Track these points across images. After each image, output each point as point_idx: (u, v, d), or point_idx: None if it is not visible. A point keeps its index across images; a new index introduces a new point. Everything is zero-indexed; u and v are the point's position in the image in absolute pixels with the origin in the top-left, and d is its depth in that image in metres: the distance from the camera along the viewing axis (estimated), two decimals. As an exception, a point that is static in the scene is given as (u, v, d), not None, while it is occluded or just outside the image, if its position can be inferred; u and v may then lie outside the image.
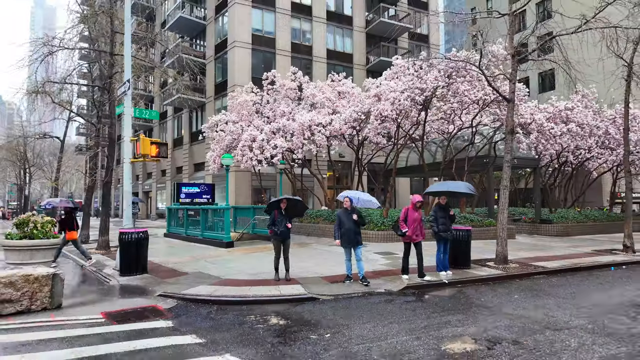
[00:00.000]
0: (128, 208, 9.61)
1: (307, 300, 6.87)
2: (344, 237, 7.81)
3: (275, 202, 8.12)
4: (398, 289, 7.68)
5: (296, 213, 8.58)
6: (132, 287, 7.97)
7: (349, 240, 7.85)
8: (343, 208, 8.05)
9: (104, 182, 13.92)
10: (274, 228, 7.89)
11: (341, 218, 7.86)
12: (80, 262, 11.24)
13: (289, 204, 8.11)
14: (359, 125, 14.89)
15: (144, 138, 9.40)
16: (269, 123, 16.46)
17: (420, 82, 12.35)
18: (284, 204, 8.01)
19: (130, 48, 10.23)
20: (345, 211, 7.92)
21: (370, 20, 30.08)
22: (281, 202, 8.03)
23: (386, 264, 9.96)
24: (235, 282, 8.00)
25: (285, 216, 7.94)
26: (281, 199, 8.08)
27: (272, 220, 7.93)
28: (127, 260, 8.91)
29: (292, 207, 8.19)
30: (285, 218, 7.92)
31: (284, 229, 7.87)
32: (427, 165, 21.31)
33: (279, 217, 7.90)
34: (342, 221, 7.82)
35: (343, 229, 7.78)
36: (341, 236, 7.82)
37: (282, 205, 7.98)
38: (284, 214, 7.95)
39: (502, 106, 14.53)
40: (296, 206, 8.30)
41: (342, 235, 7.81)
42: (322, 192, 21.11)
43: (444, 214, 8.81)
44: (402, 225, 8.11)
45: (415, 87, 12.36)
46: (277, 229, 7.84)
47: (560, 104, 16.57)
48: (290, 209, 8.14)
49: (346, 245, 7.92)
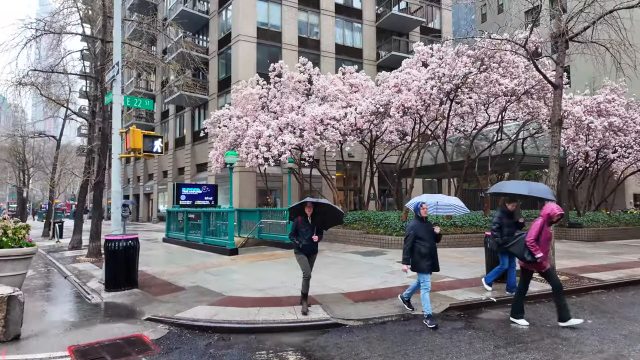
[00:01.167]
0: (117, 211, 8.29)
1: (331, 327, 5.51)
2: (424, 259, 5.71)
3: (298, 206, 6.18)
4: (439, 310, 6.30)
5: (326, 223, 6.48)
6: (117, 306, 6.63)
7: (432, 265, 5.78)
8: (415, 218, 6.04)
9: (96, 183, 12.63)
10: (296, 240, 6.10)
11: (418, 232, 5.80)
12: (65, 271, 9.94)
13: (318, 210, 6.19)
14: (377, 119, 13.49)
15: (134, 130, 8.09)
16: (276, 118, 15.11)
17: (449, 69, 10.96)
18: (309, 210, 6.11)
19: (121, 28, 8.94)
20: (421, 222, 5.93)
21: (380, 14, 28.75)
22: (305, 207, 6.09)
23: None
24: (240, 301, 6.64)
25: (311, 226, 6.12)
26: (305, 202, 6.11)
27: (295, 229, 6.15)
28: (114, 272, 7.59)
29: (322, 215, 6.25)
30: (310, 228, 6.10)
31: (307, 242, 6.02)
32: (442, 165, 19.99)
33: (303, 226, 6.11)
34: (420, 237, 5.79)
35: (423, 248, 5.72)
36: (421, 258, 5.72)
37: (307, 211, 6.11)
38: (309, 223, 6.12)
39: (532, 99, 13.13)
40: (326, 214, 6.29)
41: (422, 256, 5.71)
42: (332, 194, 19.75)
43: (511, 221, 6.97)
44: (534, 247, 5.55)
45: (443, 74, 10.95)
46: (299, 241, 6.05)
47: (598, 96, 15.09)
48: (319, 218, 6.23)
49: (427, 270, 5.74)
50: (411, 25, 29.20)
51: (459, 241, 13.74)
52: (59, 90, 16.40)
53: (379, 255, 11.56)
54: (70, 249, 14.62)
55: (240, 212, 16.41)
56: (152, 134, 8.59)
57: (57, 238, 18.39)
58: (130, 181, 40.40)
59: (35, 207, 58.34)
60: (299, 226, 6.12)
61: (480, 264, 10.12)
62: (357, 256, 11.57)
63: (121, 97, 8.48)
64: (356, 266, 9.95)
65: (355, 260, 10.94)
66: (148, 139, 8.45)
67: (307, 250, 6.15)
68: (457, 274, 8.88)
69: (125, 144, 8.35)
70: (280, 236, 13.86)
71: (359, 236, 14.38)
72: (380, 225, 14.19)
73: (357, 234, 14.48)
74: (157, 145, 8.65)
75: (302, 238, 6.07)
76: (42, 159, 40.94)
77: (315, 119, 13.06)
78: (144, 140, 8.34)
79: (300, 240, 6.08)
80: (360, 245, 13.96)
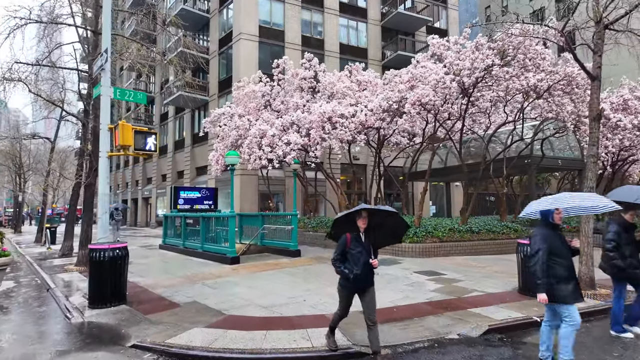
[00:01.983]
0: (104, 216, 7.37)
1: (354, 356, 4.58)
2: (563, 283, 4.10)
3: (345, 217, 4.38)
4: (478, 333, 5.35)
5: (385, 239, 4.69)
6: (99, 327, 5.69)
7: (575, 289, 4.14)
8: (543, 226, 4.41)
9: (87, 185, 11.72)
10: (344, 269, 4.28)
11: (553, 246, 4.20)
12: (49, 283, 8.99)
13: (374, 220, 4.39)
14: (389, 117, 12.56)
15: (124, 124, 7.20)
16: (280, 117, 14.21)
17: (469, 61, 10.06)
18: (364, 222, 4.28)
19: (111, 14, 8.07)
20: (554, 232, 4.33)
21: (385, 13, 27.97)
22: (359, 218, 4.27)
23: (439, 291, 7.61)
24: (243, 321, 5.70)
25: (366, 245, 4.33)
26: (358, 209, 4.27)
27: (342, 252, 4.33)
28: (99, 286, 6.66)
29: (378, 227, 4.46)
30: (365, 249, 4.30)
31: (363, 270, 4.25)
32: (453, 167, 19.06)
33: (355, 247, 4.28)
34: (557, 252, 4.20)
35: (560, 268, 4.14)
36: (560, 281, 4.11)
37: (361, 224, 4.29)
38: (362, 241, 4.31)
39: (555, 96, 12.23)
40: (383, 226, 4.50)
41: (560, 279, 4.11)
42: (337, 198, 18.83)
43: (629, 237, 5.35)
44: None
45: (462, 68, 10.04)
46: (350, 269, 4.25)
47: (624, 93, 14.17)
48: (378, 230, 4.46)
49: (571, 298, 4.10)
50: (417, 25, 28.42)
51: (475, 248, 12.80)
52: (52, 88, 15.53)
53: (394, 265, 10.61)
54: (60, 257, 13.71)
55: (242, 217, 15.49)
56: (145, 130, 7.71)
57: (48, 244, 17.48)
58: (129, 185, 39.51)
59: (32, 212, 57.37)
60: (348, 247, 4.30)
61: (506, 273, 9.22)
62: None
63: (110, 88, 7.60)
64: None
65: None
66: (140, 136, 7.57)
67: (362, 283, 4.29)
68: (484, 286, 7.94)
69: (115, 141, 7.45)
70: (285, 243, 12.93)
71: (368, 243, 13.42)
72: (391, 231, 13.24)
73: (325, 238, 13.54)
74: (151, 143, 7.76)
75: (353, 265, 4.24)
76: (39, 162, 40.09)
77: (323, 116, 12.14)
78: (136, 136, 7.46)
79: (351, 268, 4.24)
80: (370, 252, 13.01)
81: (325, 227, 15.96)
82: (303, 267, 10.50)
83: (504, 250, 12.83)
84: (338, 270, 4.37)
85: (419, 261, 11.13)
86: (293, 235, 12.59)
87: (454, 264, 10.62)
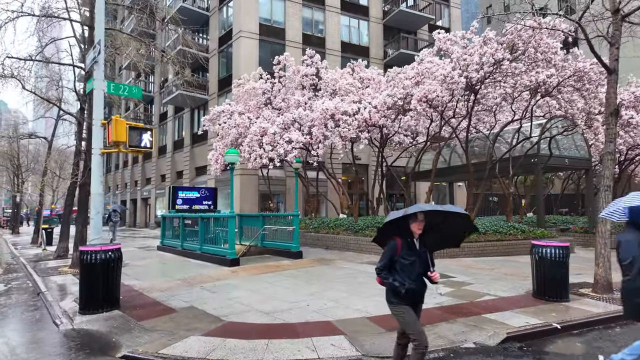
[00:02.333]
0: (96, 217, 7.00)
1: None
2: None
3: (399, 220, 3.43)
4: (496, 341, 4.98)
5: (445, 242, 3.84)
6: (89, 336, 5.32)
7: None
8: (633, 230, 3.70)
9: (81, 184, 11.35)
10: (393, 281, 3.45)
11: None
12: (41, 286, 8.62)
13: (433, 222, 3.49)
14: (394, 114, 12.19)
15: (117, 120, 6.83)
16: (281, 115, 13.83)
17: (478, 55, 9.69)
18: (420, 226, 3.41)
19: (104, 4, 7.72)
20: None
21: (387, 11, 27.63)
22: (414, 222, 3.39)
23: (450, 295, 7.23)
24: (243, 329, 5.32)
25: (420, 253, 3.47)
26: (414, 212, 3.34)
27: (389, 260, 3.49)
28: (90, 290, 6.29)
29: (436, 230, 3.56)
30: (419, 257, 3.45)
31: (416, 282, 3.46)
32: (457, 167, 18.69)
33: (407, 255, 3.42)
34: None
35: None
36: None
37: (416, 229, 3.42)
38: (416, 248, 3.46)
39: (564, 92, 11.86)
40: (443, 229, 3.59)
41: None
42: (339, 198, 18.46)
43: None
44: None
45: (470, 62, 9.66)
46: (401, 282, 3.42)
47: (636, 89, 13.80)
48: (435, 235, 3.57)
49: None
50: (419, 23, 28.10)
51: (482, 250, 12.43)
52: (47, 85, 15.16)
53: (399, 267, 10.23)
54: (55, 258, 13.33)
55: (242, 218, 15.11)
56: (140, 126, 7.34)
57: (44, 245, 17.11)
58: (128, 186, 39.14)
59: (30, 213, 56.99)
60: (399, 254, 3.42)
61: (516, 276, 8.87)
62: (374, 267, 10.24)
63: (103, 82, 7.24)
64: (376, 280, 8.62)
65: (374, 272, 9.61)
66: (135, 132, 7.19)
67: (414, 298, 3.48)
68: (496, 290, 7.57)
69: (108, 137, 7.08)
70: (286, 244, 12.56)
71: (373, 244, 13.05)
72: (395, 232, 12.87)
73: (371, 241, 13.16)
74: (146, 140, 7.39)
75: (404, 276, 3.40)
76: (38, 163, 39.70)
77: (325, 113, 11.76)
78: (130, 132, 7.08)
79: (402, 280, 3.39)
80: (375, 254, 12.63)
81: (327, 227, 15.59)
82: (305, 269, 10.13)
83: (511, 251, 12.47)
84: (386, 282, 3.50)
85: (425, 263, 10.74)
86: (295, 236, 12.22)
87: (461, 266, 10.25)
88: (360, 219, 14.95)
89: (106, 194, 45.76)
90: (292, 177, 19.48)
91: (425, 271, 3.47)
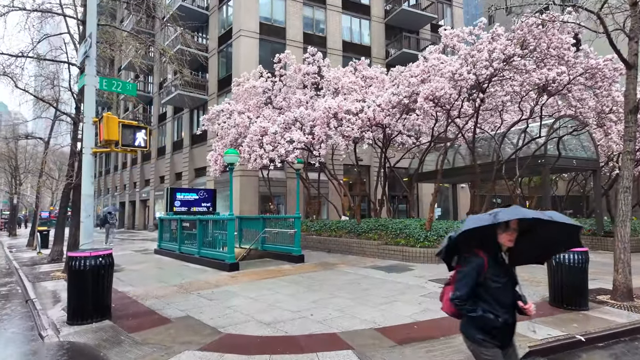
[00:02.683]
0: (87, 220, 6.60)
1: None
2: None
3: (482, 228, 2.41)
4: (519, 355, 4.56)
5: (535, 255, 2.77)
6: (75, 350, 4.91)
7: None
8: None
9: (75, 185, 10.96)
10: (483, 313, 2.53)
11: None
12: (30, 293, 8.21)
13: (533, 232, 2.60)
14: (399, 113, 11.79)
15: (109, 117, 6.44)
16: (282, 114, 13.44)
17: (488, 52, 9.31)
18: (511, 237, 2.52)
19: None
20: None
21: (389, 10, 27.29)
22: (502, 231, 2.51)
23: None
24: (242, 342, 4.92)
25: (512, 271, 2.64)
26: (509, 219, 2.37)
27: (472, 283, 2.52)
28: (79, 299, 5.87)
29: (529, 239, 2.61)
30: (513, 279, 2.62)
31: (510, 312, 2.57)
32: (462, 168, 18.29)
33: (495, 275, 2.53)
34: None
35: None
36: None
37: (507, 240, 2.53)
38: (505, 265, 2.60)
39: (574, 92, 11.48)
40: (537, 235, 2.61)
41: None
42: (340, 200, 18.06)
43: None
44: None
45: (479, 59, 9.27)
46: (491, 312, 2.51)
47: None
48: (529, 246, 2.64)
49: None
50: (422, 22, 27.75)
51: (490, 253, 12.03)
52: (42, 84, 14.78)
53: (405, 272, 9.83)
54: (49, 262, 12.93)
55: (242, 220, 14.71)
56: (134, 124, 6.94)
57: (39, 249, 16.70)
58: (126, 187, 38.74)
59: (28, 215, 56.56)
60: (485, 273, 2.53)
61: (528, 281, 8.49)
62: (379, 272, 9.84)
63: (96, 78, 6.83)
64: (382, 286, 8.23)
65: (379, 277, 9.22)
66: (128, 130, 6.80)
67: (506, 336, 2.61)
68: (510, 297, 7.14)
69: (100, 136, 6.69)
70: (287, 247, 12.16)
71: (376, 247, 12.66)
72: (400, 235, 12.48)
73: (374, 244, 12.76)
74: (140, 139, 6.99)
75: (494, 304, 2.53)
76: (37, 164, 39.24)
77: (328, 112, 11.37)
78: (123, 130, 6.69)
79: (492, 311, 2.52)
80: (378, 258, 12.24)
81: (329, 230, 15.19)
82: (307, 274, 9.73)
83: (520, 255, 12.06)
84: (474, 315, 2.55)
85: (432, 267, 10.34)
86: (296, 239, 11.82)
87: (470, 271, 9.82)
88: (363, 221, 14.55)
89: (105, 195, 45.35)
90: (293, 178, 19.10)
91: (515, 298, 2.59)
